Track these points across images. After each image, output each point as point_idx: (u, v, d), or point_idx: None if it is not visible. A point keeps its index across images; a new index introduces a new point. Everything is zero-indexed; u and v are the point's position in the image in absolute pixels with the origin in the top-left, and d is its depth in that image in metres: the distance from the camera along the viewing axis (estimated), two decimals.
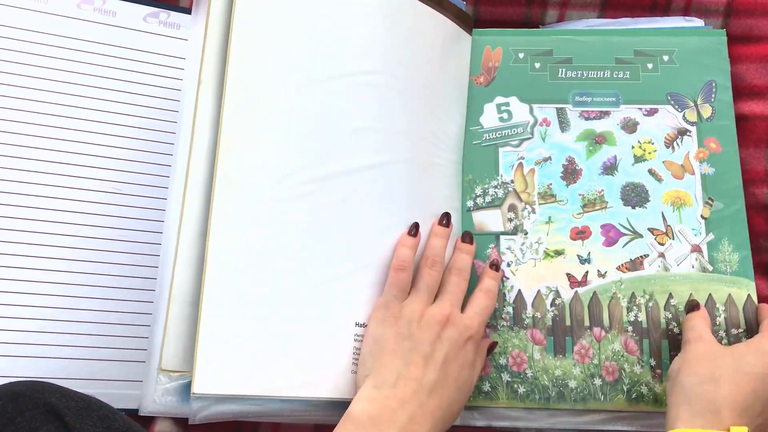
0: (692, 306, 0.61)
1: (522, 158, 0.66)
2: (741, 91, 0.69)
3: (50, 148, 0.63)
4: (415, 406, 0.51)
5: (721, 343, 0.58)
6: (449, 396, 0.53)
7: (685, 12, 0.71)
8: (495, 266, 0.62)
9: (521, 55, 0.68)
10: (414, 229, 0.59)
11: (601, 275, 0.63)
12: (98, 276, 0.62)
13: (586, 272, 0.63)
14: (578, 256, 0.64)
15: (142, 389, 0.60)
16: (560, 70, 0.67)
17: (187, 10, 0.69)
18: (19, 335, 0.60)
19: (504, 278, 0.63)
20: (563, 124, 0.66)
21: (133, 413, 0.61)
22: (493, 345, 0.61)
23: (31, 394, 0.47)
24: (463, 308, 0.59)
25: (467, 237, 0.63)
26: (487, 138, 0.67)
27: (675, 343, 0.61)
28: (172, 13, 0.68)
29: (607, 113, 0.66)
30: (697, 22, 0.70)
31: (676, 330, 0.61)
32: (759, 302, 0.64)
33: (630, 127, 0.66)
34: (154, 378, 0.57)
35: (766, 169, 0.67)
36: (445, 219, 0.62)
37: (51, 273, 0.61)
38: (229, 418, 0.55)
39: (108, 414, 0.48)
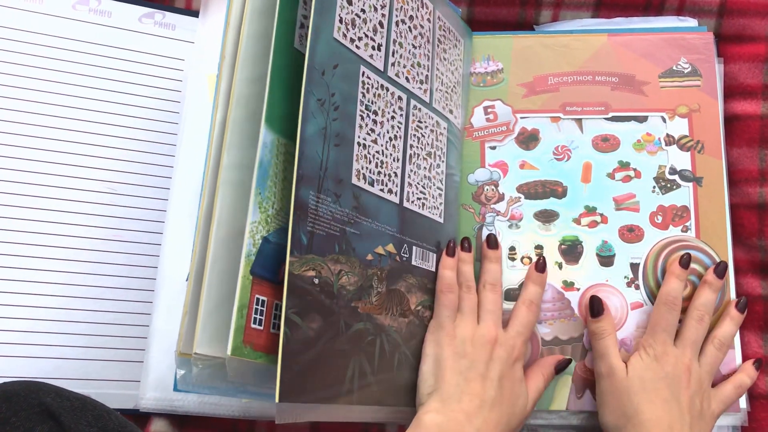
0: (598, 307, 0.62)
1: None
2: (733, 90, 0.69)
3: (46, 148, 0.63)
4: (480, 420, 0.53)
5: None
6: (508, 411, 0.56)
7: (679, 12, 0.71)
8: (540, 267, 0.63)
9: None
10: (452, 249, 0.61)
11: None
12: (94, 276, 0.63)
13: None
14: None
15: (140, 385, 0.60)
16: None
17: (183, 11, 0.69)
18: (15, 335, 0.60)
19: None
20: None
21: (129, 413, 0.61)
22: (564, 362, 0.61)
23: (26, 395, 0.47)
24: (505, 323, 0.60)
25: (492, 242, 0.63)
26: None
27: None
28: (167, 13, 0.68)
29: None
30: (691, 22, 0.70)
31: None
32: (750, 302, 0.64)
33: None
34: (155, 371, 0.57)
35: (759, 168, 0.67)
36: (467, 243, 0.62)
37: (47, 273, 0.62)
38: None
39: (103, 413, 0.48)
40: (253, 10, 0.52)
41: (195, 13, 0.69)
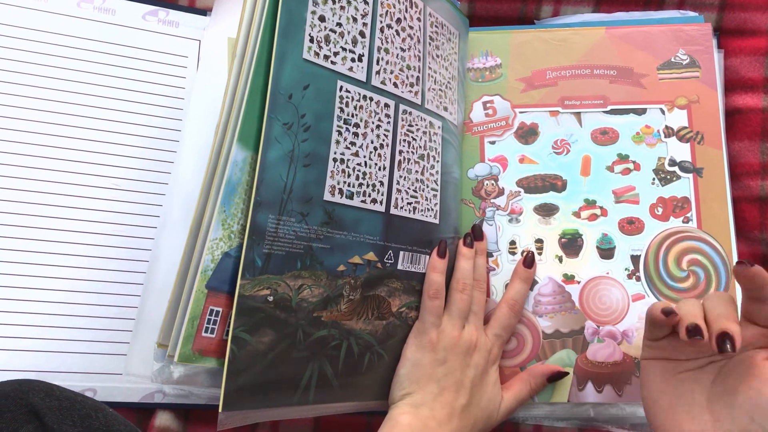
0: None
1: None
2: (734, 84, 0.69)
3: (50, 144, 0.64)
4: (450, 427, 0.56)
5: None
6: (476, 415, 0.58)
7: (680, 6, 0.71)
8: (528, 263, 0.63)
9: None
10: (443, 251, 0.61)
11: None
12: (97, 270, 0.63)
13: None
14: None
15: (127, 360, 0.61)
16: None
17: (186, 8, 0.69)
18: (21, 329, 0.61)
19: None
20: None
21: (134, 406, 0.62)
22: (558, 375, 0.61)
23: (15, 395, 0.47)
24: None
25: (477, 232, 0.64)
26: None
27: None
28: (171, 11, 0.69)
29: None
30: (691, 15, 0.70)
31: None
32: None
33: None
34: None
35: (760, 161, 0.67)
36: (469, 238, 0.63)
37: (51, 268, 0.62)
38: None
39: (90, 413, 0.49)
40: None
41: (198, 11, 0.70)
